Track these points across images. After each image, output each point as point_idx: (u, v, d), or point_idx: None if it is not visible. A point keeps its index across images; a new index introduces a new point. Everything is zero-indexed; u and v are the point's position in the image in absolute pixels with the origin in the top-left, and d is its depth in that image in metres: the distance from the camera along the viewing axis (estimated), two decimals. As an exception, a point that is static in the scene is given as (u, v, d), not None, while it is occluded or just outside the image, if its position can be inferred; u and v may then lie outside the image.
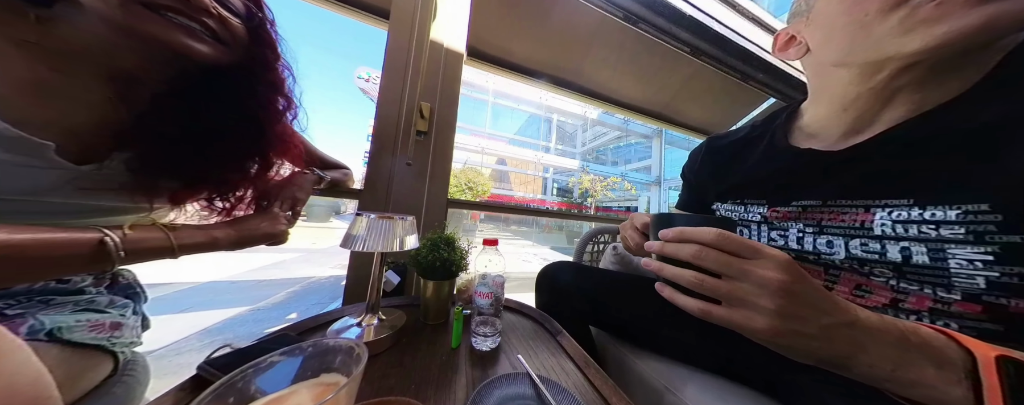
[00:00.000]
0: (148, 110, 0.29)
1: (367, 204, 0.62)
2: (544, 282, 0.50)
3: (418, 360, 0.33)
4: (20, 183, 0.24)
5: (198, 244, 0.29)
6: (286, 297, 2.17)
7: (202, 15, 0.27)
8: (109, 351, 0.30)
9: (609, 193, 17.20)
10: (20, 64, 0.24)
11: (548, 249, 8.43)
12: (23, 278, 0.22)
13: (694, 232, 0.20)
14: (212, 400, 0.14)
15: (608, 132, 21.58)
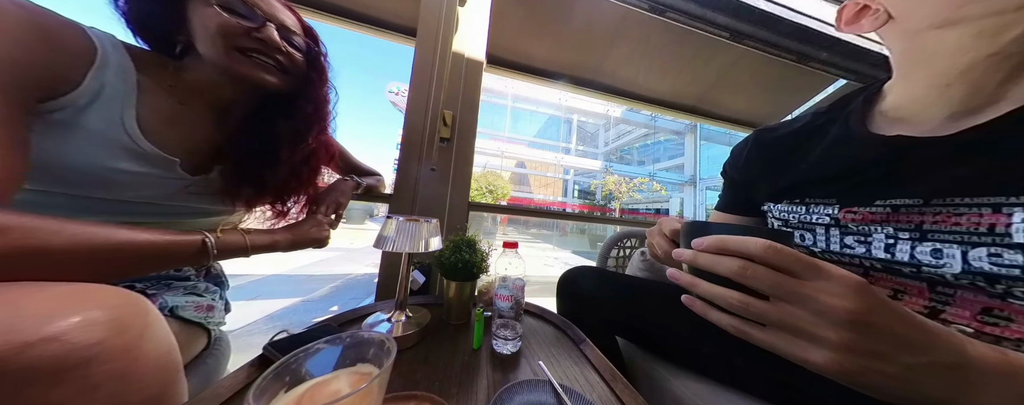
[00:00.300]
0: (236, 132, 0.36)
1: (396, 208, 0.67)
2: (566, 287, 0.49)
3: (442, 358, 0.34)
4: (157, 189, 0.32)
5: (264, 245, 0.35)
6: (329, 291, 2.43)
7: (276, 54, 0.34)
8: (205, 328, 0.37)
9: (636, 195, 15.97)
10: (163, 101, 0.32)
11: (569, 253, 8.16)
12: (158, 268, 0.29)
13: (737, 241, 0.17)
14: (273, 377, 0.16)
15: (633, 130, 20.28)
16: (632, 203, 18.98)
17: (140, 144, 0.30)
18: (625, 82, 1.32)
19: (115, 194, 0.30)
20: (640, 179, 16.06)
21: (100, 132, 0.28)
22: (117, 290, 0.20)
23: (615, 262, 0.86)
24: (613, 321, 0.44)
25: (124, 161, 0.29)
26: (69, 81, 0.26)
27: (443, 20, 0.72)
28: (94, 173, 0.28)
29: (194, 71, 0.33)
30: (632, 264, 0.70)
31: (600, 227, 14.99)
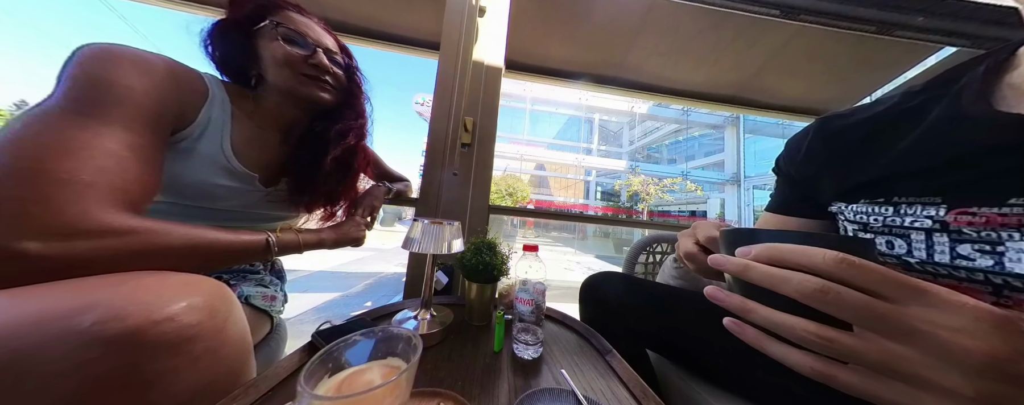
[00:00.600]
0: (296, 149, 0.42)
1: (422, 211, 0.72)
2: (589, 294, 0.47)
3: (464, 358, 0.34)
4: (242, 200, 0.39)
5: (313, 243, 0.40)
6: (363, 288, 2.66)
7: (326, 74, 0.41)
8: (269, 315, 0.44)
9: (666, 195, 14.62)
10: (247, 126, 0.39)
11: (592, 257, 7.80)
12: (236, 262, 0.36)
13: (797, 253, 0.14)
14: (319, 363, 0.18)
15: (662, 126, 18.78)
16: (662, 205, 17.44)
17: (232, 163, 0.36)
18: (652, 76, 1.24)
19: (213, 204, 0.37)
20: (671, 179, 14.80)
21: (207, 155, 0.35)
22: (210, 280, 0.25)
23: (644, 268, 0.80)
24: (642, 332, 0.41)
25: (222, 178, 0.36)
26: (190, 117, 0.33)
27: (464, 32, 0.76)
28: (202, 188, 0.35)
29: (266, 98, 0.40)
30: (664, 271, 0.64)
31: (626, 231, 14.03)
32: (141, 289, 0.21)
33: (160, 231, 0.26)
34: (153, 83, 0.29)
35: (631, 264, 0.79)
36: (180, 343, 0.21)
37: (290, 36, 0.38)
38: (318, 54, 0.39)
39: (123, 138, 0.26)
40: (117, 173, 0.25)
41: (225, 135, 0.36)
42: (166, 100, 0.30)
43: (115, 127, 0.25)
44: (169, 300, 0.21)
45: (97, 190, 0.23)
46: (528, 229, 14.69)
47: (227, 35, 0.38)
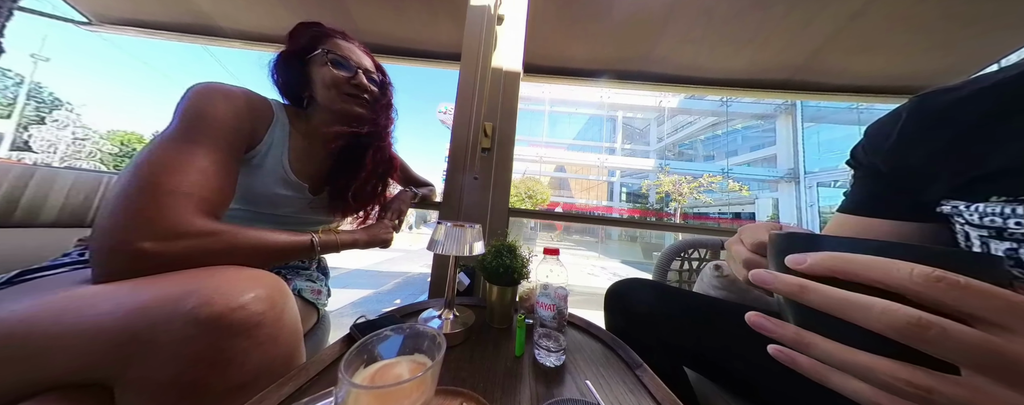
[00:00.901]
0: (337, 161, 0.48)
1: (445, 214, 0.75)
2: (616, 302, 0.44)
3: (486, 360, 0.35)
4: (295, 206, 0.46)
5: (348, 243, 0.45)
6: (393, 286, 2.85)
7: (365, 93, 0.46)
8: (316, 307, 0.49)
9: (702, 196, 12.81)
10: (300, 142, 0.45)
11: (618, 263, 7.35)
12: (288, 260, 0.41)
13: (876, 266, 0.11)
14: (356, 354, 0.20)
15: (695, 120, 16.98)
16: (698, 206, 15.48)
17: (289, 175, 0.43)
18: (682, 66, 1.15)
19: (274, 210, 0.44)
20: (708, 177, 12.96)
21: (271, 169, 0.41)
22: (271, 275, 0.29)
23: (677, 276, 0.73)
24: (678, 347, 0.37)
25: (281, 188, 0.42)
26: (260, 137, 0.40)
27: (483, 41, 0.79)
28: (266, 196, 0.42)
29: (315, 116, 0.46)
30: (703, 280, 0.58)
31: (656, 235, 12.84)
32: (222, 282, 0.25)
33: (234, 233, 0.31)
34: (235, 112, 0.36)
35: (662, 271, 0.73)
36: (249, 328, 0.25)
37: (337, 61, 0.44)
38: (359, 75, 0.45)
39: (212, 157, 0.32)
40: (205, 185, 0.31)
41: (284, 151, 0.42)
42: (243, 125, 0.37)
43: (207, 148, 0.32)
44: (241, 291, 0.25)
45: (192, 200, 0.29)
46: (557, 232, 14.28)
47: (287, 64, 0.45)
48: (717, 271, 0.54)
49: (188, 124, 0.32)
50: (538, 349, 0.35)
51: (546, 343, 0.34)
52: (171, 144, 0.30)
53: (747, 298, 0.49)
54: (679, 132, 17.92)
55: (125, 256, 0.26)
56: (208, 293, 0.23)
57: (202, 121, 0.32)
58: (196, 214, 0.29)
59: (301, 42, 0.44)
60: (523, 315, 0.38)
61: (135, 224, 0.26)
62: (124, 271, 0.26)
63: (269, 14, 1.18)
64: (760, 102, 13.56)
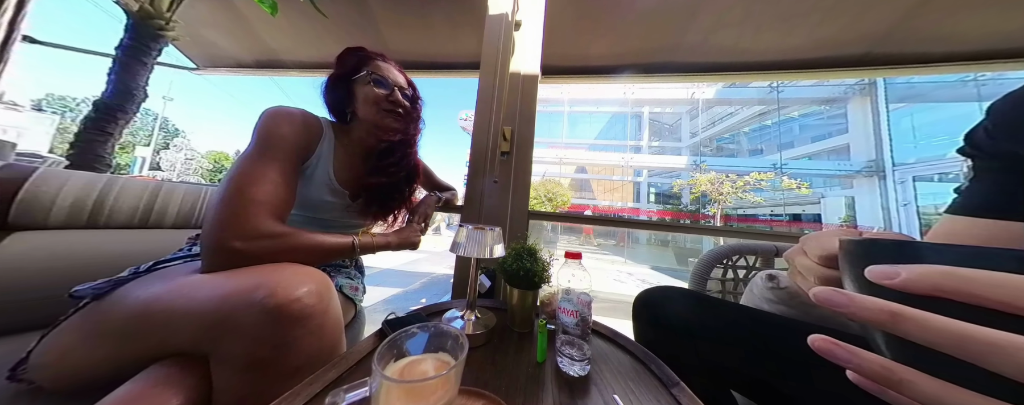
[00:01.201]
0: (371, 171, 0.53)
1: (467, 217, 0.77)
2: (647, 311, 0.41)
3: (507, 364, 0.35)
4: (338, 212, 0.51)
5: (382, 245, 0.49)
6: (419, 286, 3.01)
7: (399, 108, 0.51)
8: (354, 303, 0.54)
9: (749, 195, 10.89)
10: (342, 153, 0.51)
11: (647, 269, 6.82)
12: (333, 259, 0.45)
13: (1008, 285, 0.08)
14: (386, 348, 0.22)
15: (737, 111, 15.01)
16: (743, 207, 13.36)
17: (334, 183, 0.48)
18: (718, 53, 1.04)
19: (320, 215, 0.49)
20: (756, 174, 10.99)
21: (320, 178, 0.47)
22: (320, 272, 0.33)
23: (719, 286, 0.66)
24: (724, 368, 0.33)
25: (328, 195, 0.48)
26: (312, 150, 0.46)
27: (501, 48, 0.81)
28: (316, 203, 0.47)
29: (356, 130, 0.52)
30: (754, 291, 0.51)
31: (692, 239, 11.53)
32: (283, 277, 0.29)
33: (295, 235, 0.37)
34: (295, 131, 0.42)
35: (701, 279, 0.66)
36: (303, 318, 0.28)
37: (378, 80, 0.49)
38: (395, 92, 0.50)
39: (280, 169, 0.38)
40: (276, 194, 0.37)
41: (330, 162, 0.48)
42: (301, 141, 0.43)
43: (277, 163, 0.38)
44: (297, 286, 0.29)
45: (266, 207, 0.35)
46: (583, 237, 13.61)
47: (336, 85, 0.52)
48: (771, 282, 0.47)
49: (262, 143, 0.38)
50: (561, 356, 0.34)
51: (569, 351, 0.33)
52: (250, 161, 0.37)
53: (814, 314, 0.42)
54: (717, 125, 16.04)
55: (223, 253, 0.32)
56: (272, 286, 0.28)
57: (272, 140, 0.39)
58: (269, 219, 0.35)
59: (348, 65, 0.50)
60: (544, 320, 0.38)
61: (228, 227, 0.32)
62: (223, 264, 0.32)
63: (318, 46, 1.42)
64: (823, 85, 11.16)
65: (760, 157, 14.31)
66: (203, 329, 0.27)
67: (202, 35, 1.42)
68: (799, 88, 12.36)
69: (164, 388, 0.26)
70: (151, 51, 1.03)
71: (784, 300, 0.45)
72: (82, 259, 0.48)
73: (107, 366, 0.30)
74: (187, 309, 0.28)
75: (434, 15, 1.16)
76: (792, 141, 13.54)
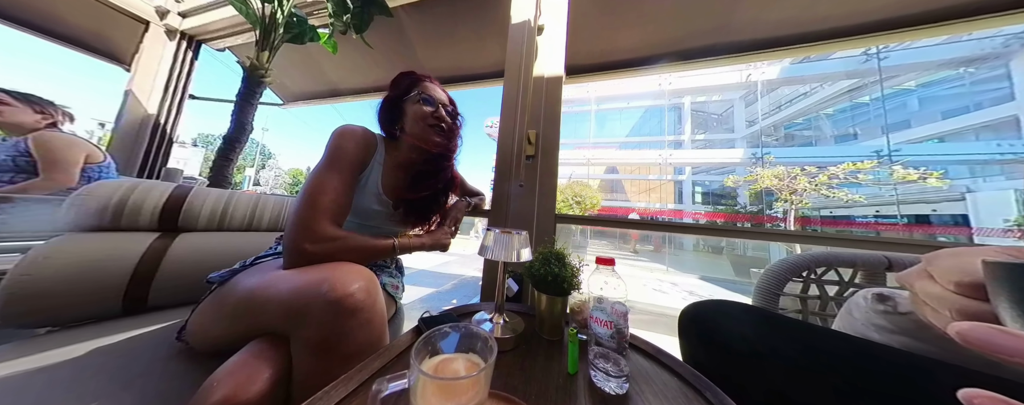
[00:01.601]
0: (411, 182, 0.57)
1: (494, 221, 0.79)
2: (697, 328, 0.35)
3: (536, 372, 0.34)
4: (382, 219, 0.57)
5: (417, 246, 0.53)
6: (451, 287, 3.17)
7: (442, 123, 0.55)
8: (395, 299, 0.59)
9: (840, 192, 8.14)
10: (389, 166, 0.56)
11: (695, 279, 5.93)
12: (377, 259, 0.51)
13: None
14: (422, 344, 0.23)
15: (814, 90, 11.93)
16: (832, 206, 10.01)
17: (381, 194, 0.54)
18: (780, 25, 0.87)
19: (368, 222, 0.56)
20: (849, 165, 8.07)
21: (370, 189, 0.53)
22: (368, 271, 0.37)
23: (798, 304, 0.53)
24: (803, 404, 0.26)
25: (376, 204, 0.54)
26: (367, 163, 0.52)
27: (524, 53, 0.83)
28: (366, 211, 0.54)
29: (402, 146, 0.57)
30: (854, 314, 0.40)
31: (754, 245, 9.43)
32: (341, 274, 0.34)
33: (350, 237, 0.43)
34: (357, 146, 0.49)
35: (770, 294, 0.54)
36: (356, 312, 0.32)
37: (426, 99, 0.55)
38: (440, 109, 0.55)
39: (341, 179, 0.45)
40: (337, 202, 0.43)
41: (379, 175, 0.54)
42: (361, 156, 0.50)
43: (340, 175, 0.45)
44: (351, 282, 0.33)
45: (328, 214, 0.42)
46: (634, 241, 12.45)
47: (389, 105, 0.58)
48: (883, 304, 0.35)
49: (330, 157, 0.46)
50: (595, 370, 0.31)
51: (604, 365, 0.31)
52: (320, 173, 0.44)
53: (949, 349, 0.30)
54: (784, 110, 13.11)
55: (297, 253, 0.39)
56: (333, 282, 0.32)
57: (337, 154, 0.46)
58: (330, 225, 0.41)
59: (401, 86, 0.56)
60: (575, 329, 0.36)
61: (301, 232, 0.39)
62: (298, 262, 0.39)
63: (366, 73, 1.68)
64: (960, 39, 7.61)
65: (852, 144, 10.87)
66: (285, 315, 0.33)
67: (286, 76, 1.82)
68: (915, 50, 8.79)
69: (260, 360, 0.33)
70: (256, 94, 1.35)
71: (906, 329, 0.33)
72: (215, 253, 0.64)
73: (226, 338, 0.39)
74: (274, 298, 0.34)
75: (461, 30, 1.25)
76: (907, 120, 9.84)
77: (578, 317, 0.45)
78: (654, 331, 0.47)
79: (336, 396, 0.27)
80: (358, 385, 0.28)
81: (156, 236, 0.60)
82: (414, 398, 0.20)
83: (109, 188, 0.58)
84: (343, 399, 0.27)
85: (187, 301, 0.59)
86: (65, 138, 0.96)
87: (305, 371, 0.33)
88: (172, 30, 1.60)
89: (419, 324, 0.42)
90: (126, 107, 1.47)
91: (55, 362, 0.37)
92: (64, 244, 0.51)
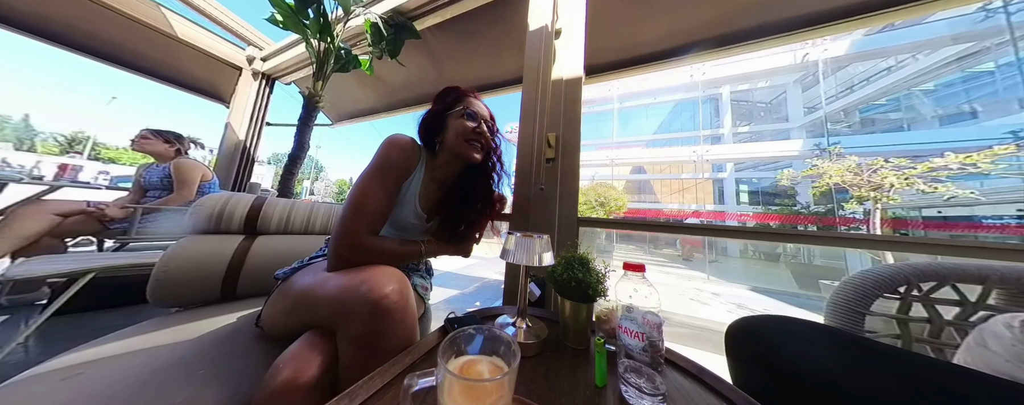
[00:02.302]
0: (447, 196, 0.59)
1: (515, 225, 0.79)
2: (749, 347, 0.31)
3: (561, 382, 0.32)
4: (416, 230, 0.59)
5: (441, 251, 0.55)
6: (474, 289, 3.23)
7: (481, 139, 0.55)
8: (424, 300, 0.62)
9: (946, 187, 6.22)
10: (427, 179, 0.58)
11: (745, 290, 5.08)
12: (407, 262, 0.54)
13: None
14: (448, 344, 0.24)
15: (903, 63, 9.10)
16: (936, 204, 7.60)
17: (417, 207, 0.56)
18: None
19: (404, 231, 0.58)
20: (955, 156, 6.04)
21: (408, 200, 0.55)
22: (401, 273, 0.40)
23: (895, 328, 0.43)
24: None
25: (411, 216, 0.56)
26: (410, 173, 0.54)
27: (542, 58, 0.83)
28: (403, 221, 0.56)
29: (440, 159, 0.56)
30: (988, 345, 0.30)
31: (824, 253, 7.58)
32: (378, 276, 0.37)
33: (382, 247, 0.46)
34: (403, 156, 0.51)
35: (852, 313, 0.44)
36: (390, 311, 0.35)
37: (470, 114, 0.55)
38: (481, 125, 0.55)
39: (385, 189, 0.48)
40: (376, 210, 0.47)
41: (417, 186, 0.56)
42: (405, 166, 0.52)
43: (383, 183, 0.48)
44: (386, 284, 0.36)
45: (369, 223, 0.45)
46: (687, 247, 10.95)
47: (433, 119, 0.56)
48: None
49: (378, 164, 0.47)
50: (626, 385, 0.29)
51: (637, 381, 0.28)
52: (367, 178, 0.46)
53: None
54: (856, 92, 10.51)
55: (338, 258, 0.43)
56: (371, 283, 0.36)
57: (383, 162, 0.48)
58: (367, 233, 0.45)
59: (447, 101, 0.56)
60: (602, 338, 0.33)
61: (343, 239, 0.44)
62: (339, 266, 0.43)
63: (398, 90, 1.86)
64: None
65: (966, 124, 8.17)
66: (332, 311, 0.37)
67: (335, 100, 2.11)
68: None
69: (312, 350, 0.37)
70: (313, 118, 1.59)
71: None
72: (282, 253, 0.75)
73: (289, 328, 0.44)
74: (323, 297, 0.39)
75: (481, 43, 1.31)
76: None
77: (605, 326, 0.42)
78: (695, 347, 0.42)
79: (373, 386, 0.29)
80: (392, 378, 0.30)
81: (242, 238, 0.73)
82: (441, 396, 0.20)
83: (213, 200, 0.73)
84: (379, 389, 0.29)
85: (263, 292, 0.69)
86: (190, 163, 1.31)
87: (348, 361, 0.36)
88: (256, 72, 2.00)
89: (445, 324, 0.43)
90: (226, 136, 1.87)
91: (178, 340, 0.48)
92: (187, 244, 0.65)
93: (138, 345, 0.45)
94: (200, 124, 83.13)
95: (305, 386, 0.33)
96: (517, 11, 1.05)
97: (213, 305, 0.63)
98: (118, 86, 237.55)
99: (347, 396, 0.27)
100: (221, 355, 0.44)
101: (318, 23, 1.34)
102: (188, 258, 0.63)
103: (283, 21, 1.32)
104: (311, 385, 0.33)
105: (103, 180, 9.49)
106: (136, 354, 0.42)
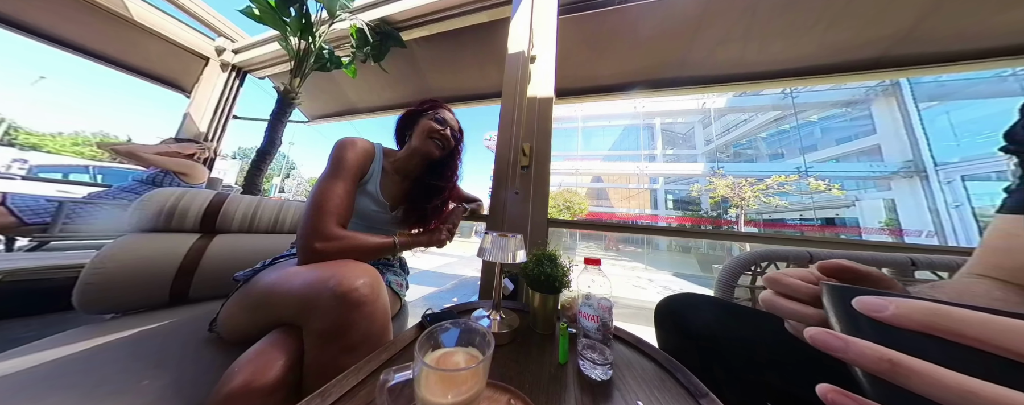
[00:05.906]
0: (410, 188, 0.58)
1: (491, 225, 0.79)
2: (671, 319, 0.35)
3: (530, 364, 0.33)
4: (380, 221, 0.56)
5: (415, 243, 0.52)
6: (451, 286, 3.09)
7: (443, 140, 0.56)
8: (399, 297, 0.58)
9: (773, 199, 9.12)
10: (388, 172, 0.57)
11: (669, 275, 5.84)
12: (379, 256, 0.50)
13: (1012, 330, 0.07)
14: (425, 338, 0.23)
15: (752, 117, 12.90)
16: (768, 211, 11.10)
17: (380, 198, 0.54)
18: (725, 66, 0.94)
19: (369, 223, 0.55)
20: (778, 177, 9.32)
21: (370, 193, 0.53)
22: (373, 268, 0.36)
23: (749, 293, 0.53)
24: (761, 384, 0.26)
25: (375, 206, 0.54)
26: (367, 170, 0.52)
27: (519, 78, 0.85)
28: (366, 212, 0.53)
29: (403, 154, 0.58)
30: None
31: (716, 245, 9.52)
32: (347, 270, 0.33)
33: (353, 237, 0.42)
34: (356, 155, 0.49)
35: (727, 287, 0.54)
36: (359, 305, 0.32)
37: (437, 118, 0.57)
38: (446, 128, 0.56)
39: (344, 186, 0.45)
40: (341, 205, 0.43)
41: (378, 180, 0.54)
42: (360, 163, 0.50)
43: (342, 181, 0.45)
44: (356, 278, 0.32)
45: (335, 215, 0.41)
46: (612, 242, 12.41)
47: (409, 116, 0.60)
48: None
49: (333, 166, 0.46)
50: (582, 360, 0.31)
51: (591, 355, 0.30)
52: (325, 181, 0.44)
53: None
54: (731, 132, 13.85)
55: (309, 252, 0.39)
56: (339, 278, 0.32)
57: (339, 163, 0.46)
58: (336, 225, 0.41)
59: (424, 106, 0.59)
60: (565, 323, 0.35)
61: (311, 232, 0.39)
62: (310, 260, 0.38)
63: (381, 93, 1.72)
64: (840, 88, 9.46)
65: (782, 161, 11.87)
66: (298, 307, 0.33)
67: (313, 97, 1.86)
68: (815, 92, 10.43)
69: (276, 348, 0.32)
70: (287, 114, 1.37)
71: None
72: (245, 253, 0.63)
73: (249, 328, 0.37)
74: (289, 292, 0.34)
75: (464, 58, 1.30)
76: (814, 144, 11.27)
77: (568, 313, 0.44)
78: (635, 323, 0.47)
79: (347, 384, 0.26)
80: (367, 375, 0.27)
81: (198, 237, 0.60)
82: (418, 388, 0.19)
83: (163, 195, 0.59)
84: (354, 387, 0.26)
85: (221, 295, 0.57)
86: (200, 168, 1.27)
87: (314, 358, 0.32)
88: (226, 64, 1.67)
89: (422, 320, 0.41)
90: (184, 127, 1.54)
91: (113, 343, 0.37)
92: (128, 243, 0.52)
93: (60, 355, 0.33)
94: (148, 111, 63.22)
95: (263, 389, 0.28)
96: (499, 35, 1.07)
97: (160, 310, 0.50)
98: (49, 66, 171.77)
99: (319, 395, 0.24)
100: (169, 361, 0.35)
101: (299, 23, 1.18)
102: (129, 258, 0.50)
103: (260, 15, 1.13)
104: (271, 387, 0.29)
105: (18, 169, 6.71)
106: (58, 364, 0.32)
